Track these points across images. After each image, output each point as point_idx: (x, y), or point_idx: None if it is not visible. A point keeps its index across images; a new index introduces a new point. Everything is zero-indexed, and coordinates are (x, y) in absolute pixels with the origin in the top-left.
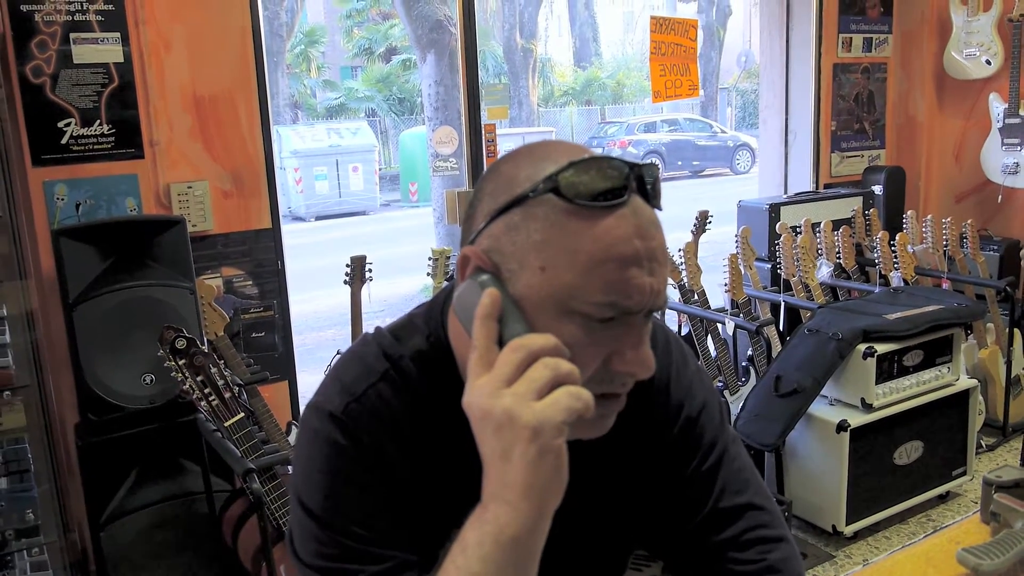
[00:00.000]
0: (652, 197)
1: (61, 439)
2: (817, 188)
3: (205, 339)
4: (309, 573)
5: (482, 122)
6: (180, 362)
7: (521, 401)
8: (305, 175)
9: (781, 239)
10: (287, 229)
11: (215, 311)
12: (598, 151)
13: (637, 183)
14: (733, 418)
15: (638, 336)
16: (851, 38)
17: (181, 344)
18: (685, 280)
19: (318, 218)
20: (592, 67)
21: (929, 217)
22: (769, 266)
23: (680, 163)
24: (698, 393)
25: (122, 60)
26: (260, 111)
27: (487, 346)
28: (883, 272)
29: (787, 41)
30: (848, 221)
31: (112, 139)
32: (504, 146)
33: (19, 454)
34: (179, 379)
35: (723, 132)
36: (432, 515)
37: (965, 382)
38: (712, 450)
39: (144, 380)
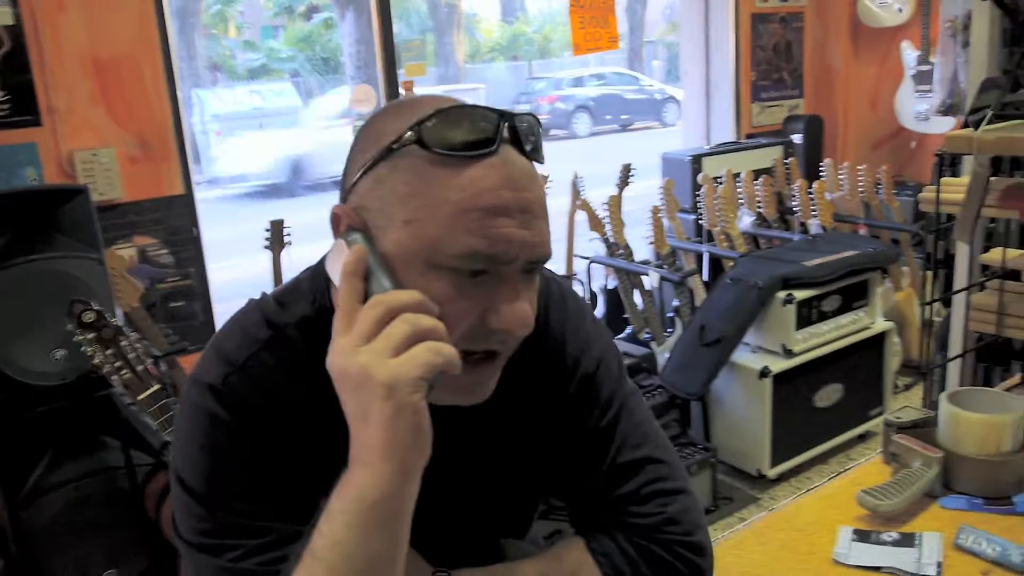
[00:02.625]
0: (528, 148)
1: None
2: (739, 139)
3: (119, 311)
4: (191, 551)
5: (399, 79)
6: (89, 336)
7: (377, 358)
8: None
9: (703, 190)
10: (210, 196)
11: (128, 282)
12: (471, 102)
13: (511, 134)
14: (660, 369)
15: (513, 291)
16: None
17: (89, 317)
18: (609, 234)
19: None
20: (518, 21)
21: (846, 164)
22: (693, 217)
23: (609, 117)
24: (595, 348)
25: (12, 22)
26: (166, 72)
27: (350, 304)
28: (802, 220)
29: None
30: (769, 171)
31: (7, 106)
32: None
33: None
34: (89, 353)
35: (651, 85)
36: (315, 484)
37: (881, 325)
38: (610, 406)
39: (54, 356)
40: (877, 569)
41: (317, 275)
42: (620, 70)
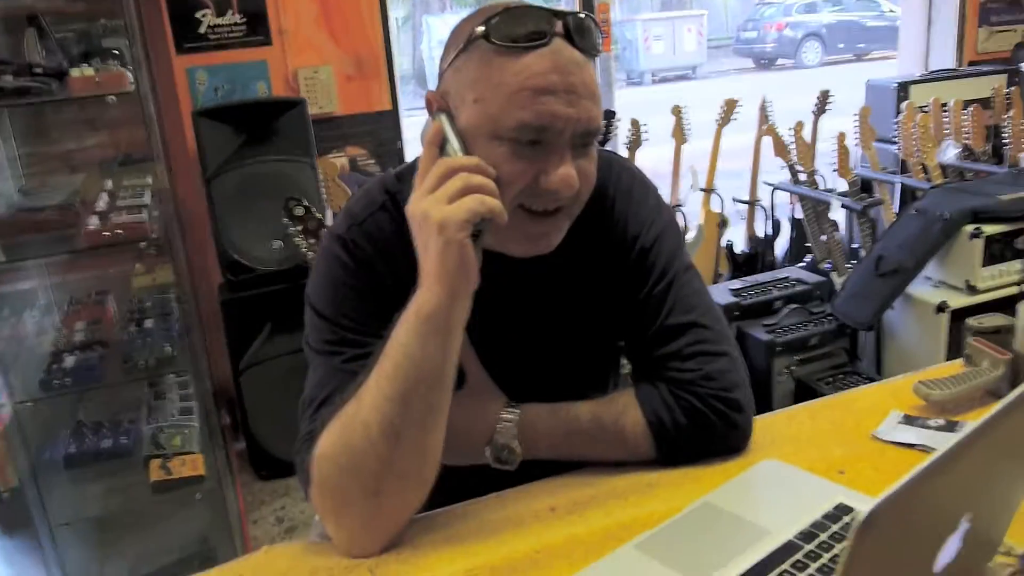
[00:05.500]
0: (578, 42)
1: (207, 296)
2: (960, 66)
3: (329, 211)
4: (314, 355)
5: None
6: (298, 228)
7: (435, 204)
8: None
9: (900, 118)
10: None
11: (339, 186)
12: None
13: (564, 29)
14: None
15: (561, 158)
16: None
17: (299, 211)
18: (795, 159)
19: None
20: None
21: None
22: (895, 148)
23: (842, 46)
24: (654, 227)
25: None
26: None
27: (427, 166)
28: (1013, 153)
29: None
30: (988, 101)
31: (244, 28)
32: (652, 31)
33: (165, 302)
34: (297, 243)
35: (892, 11)
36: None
37: None
38: (664, 276)
39: (273, 245)
40: (911, 446)
41: None
42: None
